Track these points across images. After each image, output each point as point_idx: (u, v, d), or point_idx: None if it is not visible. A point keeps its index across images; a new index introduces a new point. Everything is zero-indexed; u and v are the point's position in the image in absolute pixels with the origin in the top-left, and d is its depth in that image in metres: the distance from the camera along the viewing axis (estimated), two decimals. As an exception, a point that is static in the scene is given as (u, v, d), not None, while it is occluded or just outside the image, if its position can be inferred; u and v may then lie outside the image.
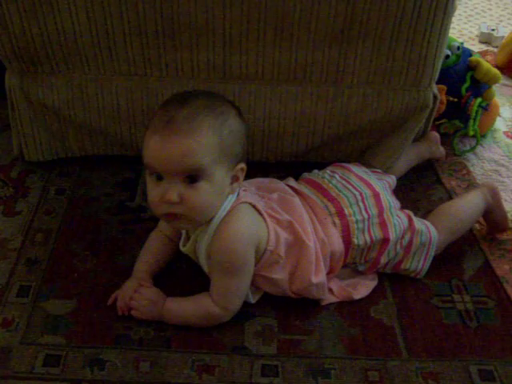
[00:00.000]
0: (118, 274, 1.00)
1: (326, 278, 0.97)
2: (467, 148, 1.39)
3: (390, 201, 1.04)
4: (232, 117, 0.88)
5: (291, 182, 1.07)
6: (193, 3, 1.03)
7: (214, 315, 0.92)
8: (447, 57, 1.32)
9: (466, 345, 0.93)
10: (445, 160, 1.34)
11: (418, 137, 1.26)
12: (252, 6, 1.03)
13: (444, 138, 1.35)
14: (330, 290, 0.99)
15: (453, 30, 1.93)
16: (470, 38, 1.95)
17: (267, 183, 1.04)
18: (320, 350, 0.92)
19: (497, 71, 1.35)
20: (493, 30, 1.90)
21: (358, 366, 0.89)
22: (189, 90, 1.02)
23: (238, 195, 0.92)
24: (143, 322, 0.93)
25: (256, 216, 0.92)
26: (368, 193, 1.02)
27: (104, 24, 1.07)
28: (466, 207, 1.10)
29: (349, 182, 1.04)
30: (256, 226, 0.91)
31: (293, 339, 0.93)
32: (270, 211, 0.95)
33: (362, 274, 1.03)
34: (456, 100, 1.33)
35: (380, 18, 1.05)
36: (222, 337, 0.93)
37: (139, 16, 1.05)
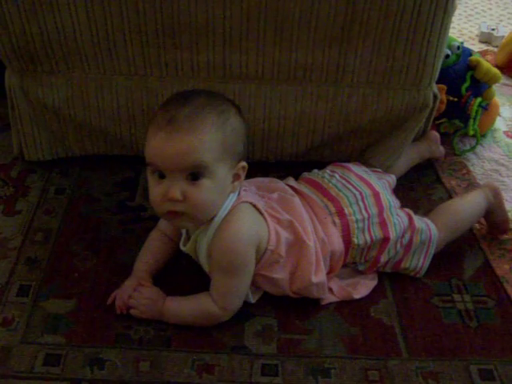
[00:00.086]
0: (118, 274, 1.00)
1: (326, 277, 0.97)
2: (467, 147, 1.39)
3: (390, 200, 1.04)
4: (233, 115, 0.88)
5: (291, 181, 1.07)
6: (193, 3, 1.03)
7: (213, 315, 0.92)
8: (447, 56, 1.32)
9: (466, 344, 0.93)
10: (444, 159, 1.34)
11: (418, 136, 1.26)
12: (252, 5, 1.03)
13: (444, 137, 1.35)
14: (330, 290, 0.99)
15: (453, 30, 1.92)
16: (470, 38, 1.95)
17: (267, 183, 1.04)
18: (320, 350, 0.91)
19: (497, 71, 1.35)
20: (493, 29, 1.90)
21: (358, 366, 0.89)
22: (189, 90, 1.02)
23: (238, 195, 0.92)
24: (143, 322, 0.93)
25: (257, 215, 0.92)
26: (368, 192, 1.02)
27: (104, 23, 1.07)
28: (466, 206, 1.10)
29: (349, 182, 1.04)
30: (257, 226, 0.91)
31: (293, 339, 0.93)
32: (271, 211, 0.95)
33: (362, 273, 1.03)
34: (456, 99, 1.33)
35: (380, 18, 1.05)
36: (222, 336, 0.93)
37: (139, 15, 1.05)
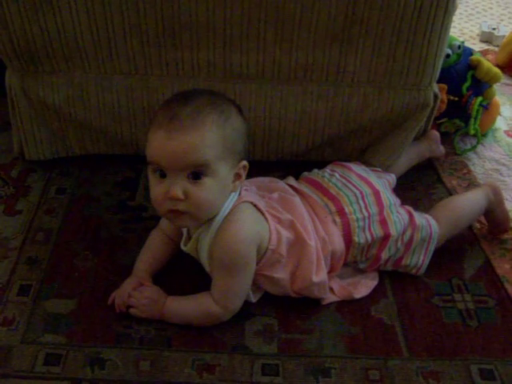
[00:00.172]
0: (119, 274, 1.00)
1: (327, 276, 0.97)
2: (468, 147, 1.39)
3: (390, 198, 1.04)
4: (234, 115, 0.88)
5: (291, 181, 1.07)
6: (193, 2, 1.03)
7: (214, 314, 0.92)
8: (448, 56, 1.32)
9: (467, 344, 0.93)
10: (445, 159, 1.34)
11: (419, 136, 1.25)
12: (252, 5, 1.03)
13: (445, 137, 1.35)
14: (331, 289, 0.99)
15: (454, 29, 1.92)
16: (470, 37, 1.95)
17: (267, 183, 1.04)
18: (320, 349, 0.91)
19: (497, 70, 1.35)
20: (494, 29, 1.90)
21: (358, 365, 0.89)
22: (190, 89, 1.03)
23: (239, 194, 0.92)
24: (144, 321, 0.93)
25: (258, 215, 0.92)
26: (368, 191, 1.02)
27: (104, 23, 1.06)
28: (467, 203, 1.10)
29: (349, 181, 1.04)
30: (258, 226, 0.91)
31: (293, 338, 0.93)
32: (272, 210, 0.95)
33: (363, 272, 1.03)
34: (457, 99, 1.33)
35: (380, 17, 1.04)
36: (222, 336, 0.93)
37: (140, 15, 1.05)
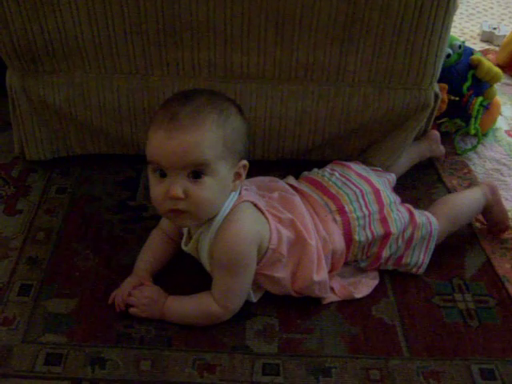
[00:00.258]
0: (119, 273, 1.00)
1: (328, 276, 0.97)
2: (468, 147, 1.39)
3: (390, 196, 1.04)
4: (234, 114, 0.88)
5: (291, 180, 1.07)
6: (194, 2, 1.03)
7: (215, 314, 0.92)
8: (448, 55, 1.32)
9: (467, 344, 0.93)
10: (446, 159, 1.34)
11: (419, 135, 1.25)
12: (253, 4, 1.03)
13: (445, 136, 1.35)
14: (332, 289, 0.99)
15: (454, 29, 1.92)
16: (471, 37, 1.95)
17: (267, 182, 1.04)
18: (321, 349, 0.91)
19: (498, 70, 1.35)
20: (494, 28, 1.90)
21: (359, 365, 0.89)
22: (190, 89, 1.03)
23: (239, 194, 0.92)
24: (144, 321, 0.93)
25: (258, 215, 0.92)
26: (368, 189, 1.02)
27: (105, 23, 1.06)
28: (465, 200, 1.11)
29: (348, 179, 1.04)
30: (258, 225, 0.91)
31: (294, 338, 0.93)
32: (272, 210, 0.95)
33: (363, 271, 1.03)
34: (457, 99, 1.33)
35: (381, 17, 1.04)
36: (223, 336, 0.93)
37: (140, 15, 1.05)
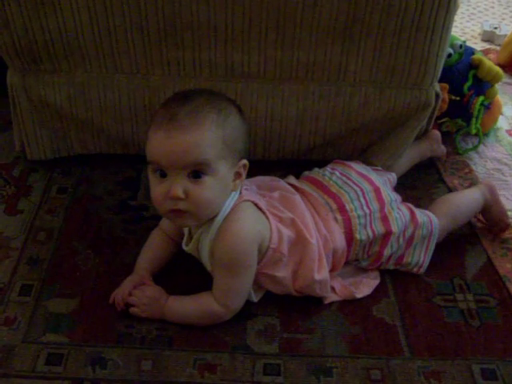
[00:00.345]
0: (120, 273, 1.00)
1: (329, 275, 0.97)
2: (469, 146, 1.39)
3: (391, 195, 1.04)
4: (233, 114, 0.88)
5: (292, 179, 1.07)
6: (195, 2, 1.03)
7: (215, 313, 0.92)
8: (449, 55, 1.32)
9: (469, 344, 0.93)
10: (446, 159, 1.34)
11: (420, 135, 1.25)
12: (254, 4, 1.03)
13: (446, 136, 1.35)
14: (333, 289, 0.99)
15: (455, 29, 1.92)
16: (472, 37, 1.94)
17: (268, 182, 1.04)
18: (322, 349, 0.91)
19: (499, 69, 1.35)
20: (495, 28, 1.90)
21: (360, 365, 0.89)
22: (190, 89, 1.03)
23: (240, 193, 0.92)
24: (145, 321, 0.93)
25: (259, 214, 0.92)
26: (368, 188, 1.03)
27: (106, 22, 1.06)
28: (464, 199, 1.12)
29: (349, 178, 1.04)
30: (259, 225, 0.91)
31: (295, 338, 0.93)
32: (272, 209, 0.95)
33: (364, 271, 1.03)
34: (458, 98, 1.33)
35: (382, 17, 1.04)
36: (224, 335, 0.93)
37: (141, 14, 1.05)
